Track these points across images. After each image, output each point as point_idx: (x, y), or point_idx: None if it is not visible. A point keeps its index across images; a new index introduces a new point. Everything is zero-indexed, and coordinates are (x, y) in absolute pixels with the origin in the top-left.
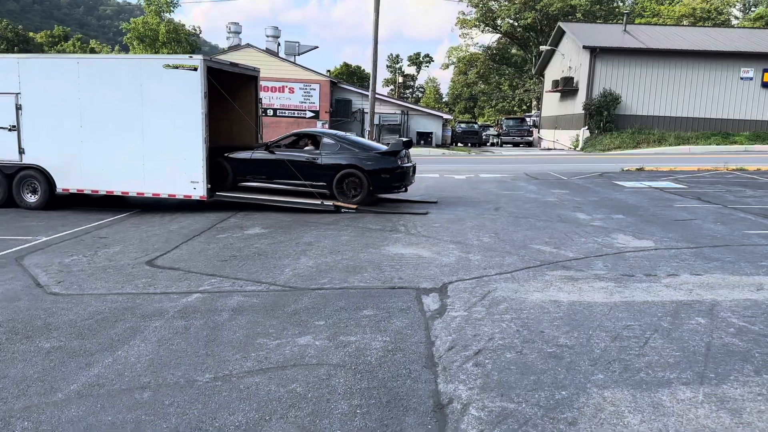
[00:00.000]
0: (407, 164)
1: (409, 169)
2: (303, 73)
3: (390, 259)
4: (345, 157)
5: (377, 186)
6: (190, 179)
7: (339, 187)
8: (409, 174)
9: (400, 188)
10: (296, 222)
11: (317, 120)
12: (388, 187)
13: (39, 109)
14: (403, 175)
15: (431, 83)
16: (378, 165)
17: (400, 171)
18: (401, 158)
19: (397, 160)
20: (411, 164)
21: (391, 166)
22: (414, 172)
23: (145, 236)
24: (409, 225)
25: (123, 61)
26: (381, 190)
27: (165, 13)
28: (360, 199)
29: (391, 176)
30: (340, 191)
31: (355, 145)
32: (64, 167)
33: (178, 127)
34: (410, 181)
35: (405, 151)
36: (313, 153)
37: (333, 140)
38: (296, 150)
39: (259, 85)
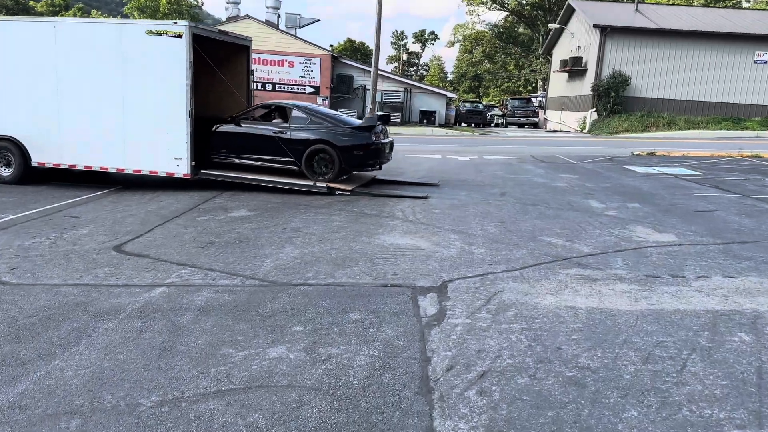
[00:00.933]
0: (383, 140)
1: (385, 146)
2: (303, 46)
3: (384, 250)
4: (315, 131)
5: (349, 163)
6: (174, 155)
7: (308, 163)
8: (384, 151)
9: (374, 165)
10: (286, 204)
11: (317, 96)
12: (362, 165)
13: (12, 76)
14: (378, 152)
15: (436, 61)
16: (350, 141)
17: (374, 147)
18: (376, 134)
19: (371, 135)
20: (387, 140)
21: (365, 142)
22: (391, 149)
23: (120, 217)
24: (407, 210)
25: (102, 26)
26: (353, 167)
27: None
28: (331, 177)
29: (365, 153)
30: (310, 168)
31: (327, 118)
32: (39, 139)
33: (160, 99)
34: (386, 158)
35: (381, 127)
36: (281, 126)
37: (303, 113)
38: (264, 123)
39: (251, 56)
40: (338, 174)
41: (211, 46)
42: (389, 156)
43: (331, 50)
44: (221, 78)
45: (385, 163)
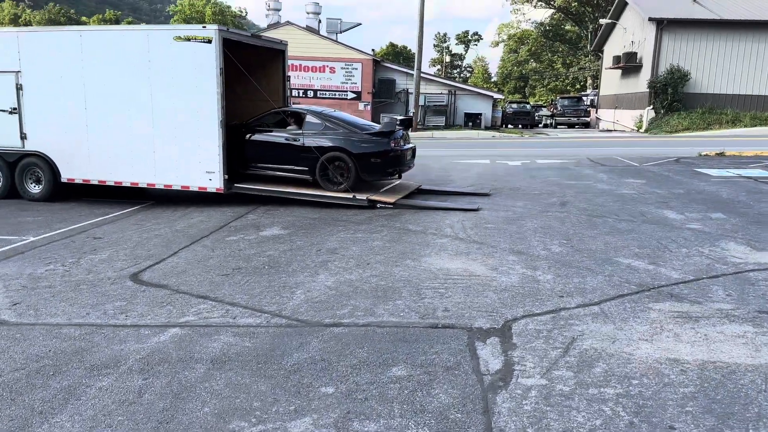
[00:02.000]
0: (403, 147)
1: (406, 153)
2: (345, 51)
3: (432, 276)
4: (330, 138)
5: (367, 171)
6: (206, 169)
7: (323, 172)
8: (404, 158)
9: (393, 174)
10: (322, 220)
11: (359, 101)
12: (380, 173)
13: (41, 89)
14: (397, 159)
15: (480, 62)
16: (367, 148)
17: (393, 154)
18: (395, 140)
19: (389, 142)
20: (408, 147)
21: (382, 149)
22: (413, 155)
23: (145, 237)
24: (456, 225)
25: (129, 33)
26: (371, 176)
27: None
28: (346, 187)
29: (383, 160)
30: (325, 177)
31: (343, 124)
32: (68, 154)
33: (190, 109)
34: (407, 165)
35: (402, 132)
36: (294, 133)
37: (317, 119)
38: (278, 130)
39: (286, 61)
40: (355, 183)
41: (245, 52)
42: (411, 163)
43: (373, 54)
44: (258, 84)
45: (406, 171)
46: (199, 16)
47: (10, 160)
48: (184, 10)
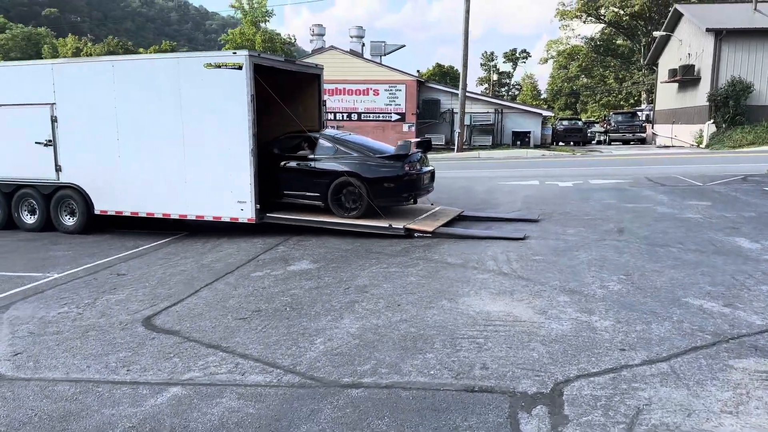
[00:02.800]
0: (420, 170)
1: (422, 177)
2: (388, 73)
3: (470, 322)
4: (342, 162)
5: (380, 196)
6: (237, 198)
7: (335, 198)
8: (420, 182)
9: (408, 199)
10: (355, 252)
11: (403, 122)
12: (394, 198)
13: (75, 120)
14: (411, 184)
15: (528, 80)
16: (380, 172)
17: (407, 178)
18: (410, 163)
19: (403, 165)
20: (425, 170)
21: (395, 174)
22: (432, 179)
23: (169, 274)
24: (500, 257)
25: (159, 61)
26: (384, 201)
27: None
28: (358, 214)
29: (397, 185)
30: (337, 203)
31: (355, 147)
32: (101, 186)
33: (221, 137)
34: (424, 190)
35: (418, 155)
36: (306, 158)
37: (329, 142)
38: (290, 155)
39: (322, 85)
40: (367, 209)
41: (280, 77)
42: (429, 187)
43: (418, 75)
44: (293, 109)
45: (423, 196)
46: (250, 44)
47: (46, 192)
48: (235, 39)
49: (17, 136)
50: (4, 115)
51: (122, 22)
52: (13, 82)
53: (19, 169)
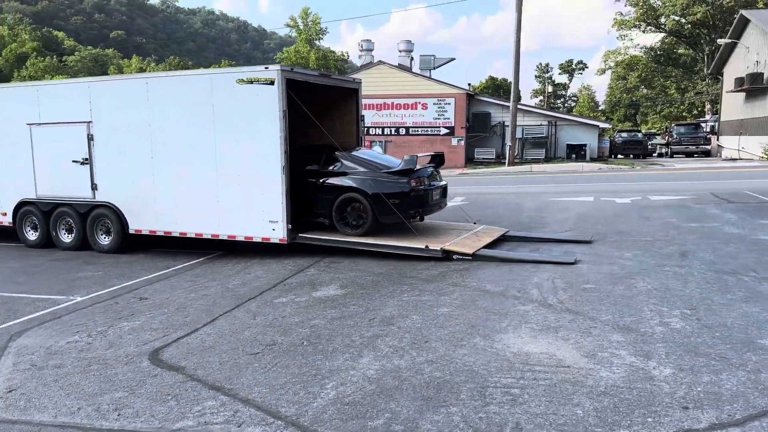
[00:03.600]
0: (429, 186)
1: (430, 193)
2: (437, 87)
3: (505, 365)
4: (347, 177)
5: (384, 213)
6: (269, 218)
7: (340, 215)
8: (428, 198)
9: (415, 216)
10: (388, 276)
11: (452, 136)
12: (399, 215)
13: (110, 138)
14: (418, 200)
15: (585, 91)
16: (384, 187)
17: (414, 195)
18: (418, 179)
19: (409, 181)
20: (437, 185)
21: (400, 190)
22: (444, 194)
23: (192, 298)
24: (545, 285)
25: (192, 77)
26: (389, 218)
27: (315, 40)
28: (363, 231)
29: (402, 201)
30: (342, 221)
31: (362, 162)
32: (135, 205)
33: (253, 154)
34: (436, 206)
35: (429, 170)
36: (312, 173)
37: (339, 157)
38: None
39: (360, 100)
40: (372, 226)
41: (316, 91)
42: (441, 203)
43: (469, 88)
44: (331, 124)
45: (433, 213)
46: (304, 61)
47: (82, 211)
48: (290, 57)
49: (56, 155)
50: (44, 134)
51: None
52: (52, 101)
53: (57, 188)
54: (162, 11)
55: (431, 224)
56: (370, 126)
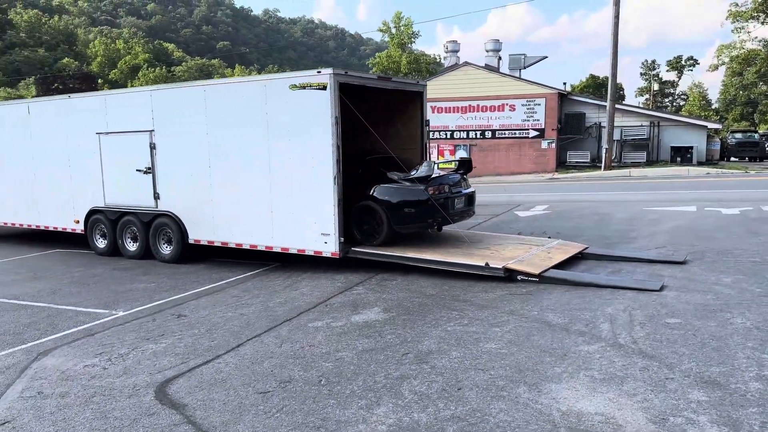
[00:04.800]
0: (449, 194)
1: (451, 201)
2: (526, 87)
3: (549, 428)
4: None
5: (400, 222)
6: (321, 230)
7: (358, 224)
8: (448, 207)
9: (433, 225)
10: (439, 299)
11: (542, 139)
12: (416, 224)
13: (171, 147)
14: (435, 209)
15: (696, 89)
16: (399, 195)
17: (430, 203)
18: (437, 186)
19: (426, 188)
20: (461, 193)
21: (416, 198)
22: (470, 202)
23: (227, 318)
24: (620, 318)
25: (248, 84)
26: (405, 227)
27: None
28: (380, 241)
29: (418, 210)
30: (360, 231)
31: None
32: (194, 214)
33: (305, 163)
34: (457, 215)
35: (455, 177)
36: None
37: (354, 164)
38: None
39: (425, 103)
40: (387, 236)
41: (379, 96)
42: (464, 213)
43: (564, 88)
44: (395, 130)
45: (454, 222)
46: (396, 66)
47: (146, 220)
48: (382, 62)
49: (122, 164)
50: (112, 142)
51: (285, 52)
52: (118, 110)
53: (123, 197)
54: (264, 21)
55: (498, 236)
56: (455, 129)
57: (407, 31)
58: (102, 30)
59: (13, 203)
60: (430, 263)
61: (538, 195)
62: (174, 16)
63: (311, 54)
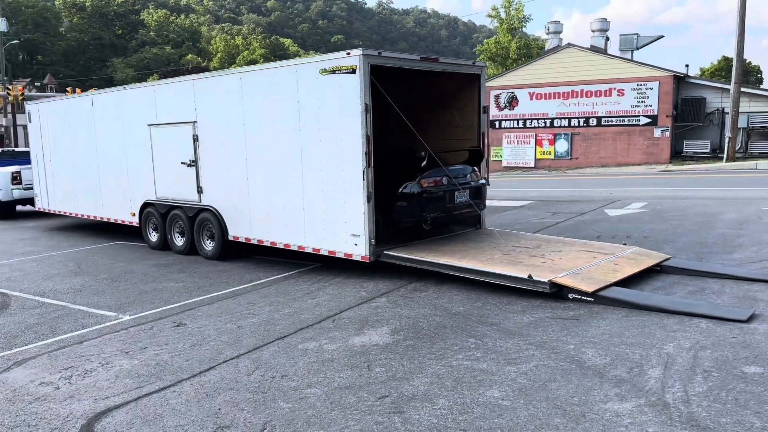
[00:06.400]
0: (447, 187)
1: (449, 195)
2: (636, 69)
3: None
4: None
5: (393, 220)
6: (351, 231)
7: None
8: (445, 202)
9: (427, 221)
10: (463, 319)
11: (654, 126)
12: (407, 220)
13: (211, 139)
14: (430, 204)
15: None
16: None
17: (426, 197)
18: (433, 179)
19: (418, 181)
20: (460, 186)
21: (408, 191)
22: (477, 196)
23: (224, 330)
24: (679, 361)
25: (279, 70)
26: (396, 224)
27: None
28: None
29: (410, 204)
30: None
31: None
32: (233, 210)
33: (336, 157)
34: (456, 211)
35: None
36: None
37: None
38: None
39: (483, 88)
40: (385, 233)
41: (428, 80)
42: (471, 207)
43: (683, 71)
44: (449, 119)
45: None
46: (505, 52)
47: (190, 214)
48: (490, 49)
49: (169, 156)
50: (161, 134)
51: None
52: (166, 102)
53: (171, 190)
54: (378, 13)
55: (562, 240)
56: (555, 117)
57: (518, 15)
58: (223, 27)
59: (84, 195)
60: (464, 272)
61: (641, 190)
62: (292, 12)
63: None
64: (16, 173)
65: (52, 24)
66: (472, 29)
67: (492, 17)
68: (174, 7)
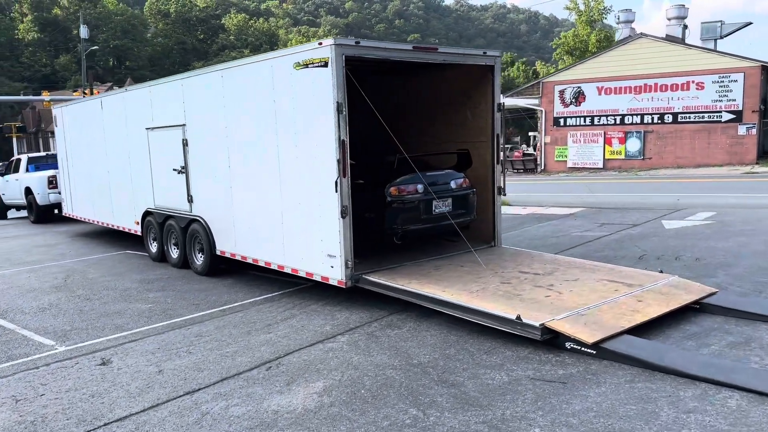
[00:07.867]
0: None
1: (424, 205)
2: (718, 60)
3: None
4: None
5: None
6: (327, 251)
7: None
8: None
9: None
10: (417, 376)
11: (738, 123)
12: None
13: (198, 143)
14: (401, 214)
15: None
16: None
17: (395, 206)
18: (402, 186)
19: (388, 188)
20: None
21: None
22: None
23: (139, 373)
24: None
25: (255, 66)
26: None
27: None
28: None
29: (378, 215)
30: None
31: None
32: (219, 221)
33: (309, 163)
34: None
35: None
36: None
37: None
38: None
39: (497, 81)
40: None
41: (435, 74)
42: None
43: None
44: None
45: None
46: (583, 45)
47: (182, 225)
48: (568, 42)
49: (164, 162)
50: (156, 138)
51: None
52: (161, 103)
53: (166, 199)
54: (455, 11)
55: (583, 264)
56: (626, 113)
57: (597, 6)
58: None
59: (99, 201)
60: (445, 306)
61: (715, 196)
62: (369, 13)
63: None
64: (52, 177)
65: (139, 30)
66: (554, 23)
67: (570, 9)
68: (254, 11)
